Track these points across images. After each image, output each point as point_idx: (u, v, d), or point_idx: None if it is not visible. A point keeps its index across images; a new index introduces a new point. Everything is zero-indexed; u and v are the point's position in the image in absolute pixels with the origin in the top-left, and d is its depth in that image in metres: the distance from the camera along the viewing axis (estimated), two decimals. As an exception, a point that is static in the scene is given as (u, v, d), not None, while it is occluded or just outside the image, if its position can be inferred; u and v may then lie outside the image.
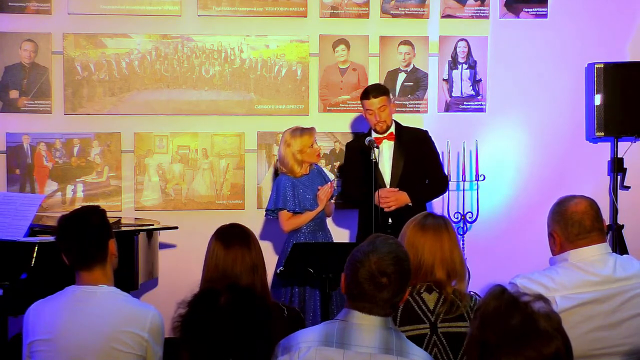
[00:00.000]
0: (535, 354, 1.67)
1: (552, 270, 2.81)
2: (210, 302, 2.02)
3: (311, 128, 4.91)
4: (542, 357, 1.67)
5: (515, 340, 1.68)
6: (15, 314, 4.15)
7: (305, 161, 4.84)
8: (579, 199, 2.86)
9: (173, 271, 5.37)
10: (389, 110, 4.84)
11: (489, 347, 1.70)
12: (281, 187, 4.83)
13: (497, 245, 5.77)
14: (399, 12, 5.72)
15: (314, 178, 4.92)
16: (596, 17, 5.88)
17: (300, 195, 4.82)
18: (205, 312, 2.01)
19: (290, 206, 4.80)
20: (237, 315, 1.99)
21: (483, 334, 1.72)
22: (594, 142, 5.94)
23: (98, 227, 2.86)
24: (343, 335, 2.31)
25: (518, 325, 1.69)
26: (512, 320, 1.70)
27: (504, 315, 1.71)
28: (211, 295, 2.04)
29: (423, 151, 4.92)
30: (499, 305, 1.73)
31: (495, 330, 1.70)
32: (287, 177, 4.85)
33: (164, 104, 5.55)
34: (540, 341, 1.68)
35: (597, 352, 2.72)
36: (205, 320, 2.00)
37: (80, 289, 2.81)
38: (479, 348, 1.72)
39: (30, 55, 5.41)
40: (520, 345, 1.67)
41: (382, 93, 4.83)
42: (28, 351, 2.81)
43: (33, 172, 5.44)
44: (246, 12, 5.58)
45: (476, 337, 1.73)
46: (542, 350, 1.67)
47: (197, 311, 2.02)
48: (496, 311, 1.72)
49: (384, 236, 2.43)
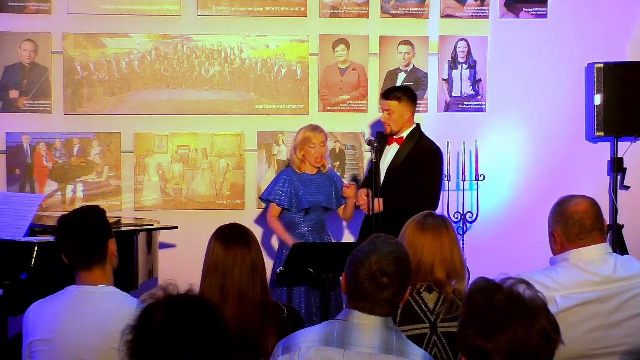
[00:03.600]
0: (524, 330, 1.70)
1: (553, 270, 2.81)
2: (146, 322, 1.74)
3: (321, 129, 4.92)
4: (531, 334, 1.70)
5: (503, 316, 1.72)
6: (15, 314, 4.15)
7: (305, 158, 4.85)
8: (580, 199, 2.86)
9: (173, 271, 5.34)
10: (395, 116, 4.88)
11: (478, 328, 1.73)
12: (279, 180, 4.89)
13: (497, 245, 5.77)
14: (399, 12, 5.72)
15: (322, 183, 4.90)
16: (596, 17, 5.88)
17: (296, 193, 4.81)
18: (143, 336, 1.74)
19: (280, 201, 4.81)
20: (172, 333, 1.70)
21: (471, 314, 1.76)
22: (594, 142, 5.94)
23: (97, 227, 2.86)
24: (343, 335, 2.31)
25: (503, 303, 1.73)
26: (496, 298, 1.74)
27: (489, 294, 1.76)
28: (147, 314, 1.75)
29: (422, 165, 4.87)
30: (484, 288, 1.78)
31: (482, 309, 1.74)
32: (290, 172, 4.89)
33: (164, 104, 5.55)
34: (527, 317, 1.71)
35: (597, 352, 2.72)
36: (145, 344, 1.73)
37: (80, 289, 2.81)
38: (468, 330, 1.75)
39: (30, 55, 5.40)
40: (508, 321, 1.71)
41: (387, 97, 4.93)
42: (28, 351, 2.81)
43: (33, 172, 5.43)
44: (246, 12, 5.58)
45: (465, 320, 1.77)
46: (530, 326, 1.70)
47: (137, 336, 1.75)
48: (481, 292, 1.78)
49: (384, 236, 2.43)
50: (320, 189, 4.88)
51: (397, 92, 4.97)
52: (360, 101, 5.70)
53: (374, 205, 4.50)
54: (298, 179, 4.85)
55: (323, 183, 4.90)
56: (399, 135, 4.94)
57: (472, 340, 1.73)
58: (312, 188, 4.86)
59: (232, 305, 2.79)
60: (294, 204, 4.82)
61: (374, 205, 4.50)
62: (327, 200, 4.91)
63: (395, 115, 4.89)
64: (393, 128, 4.92)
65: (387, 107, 4.92)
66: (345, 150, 5.72)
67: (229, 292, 2.83)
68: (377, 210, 4.52)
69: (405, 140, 4.93)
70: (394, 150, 4.95)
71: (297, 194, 4.82)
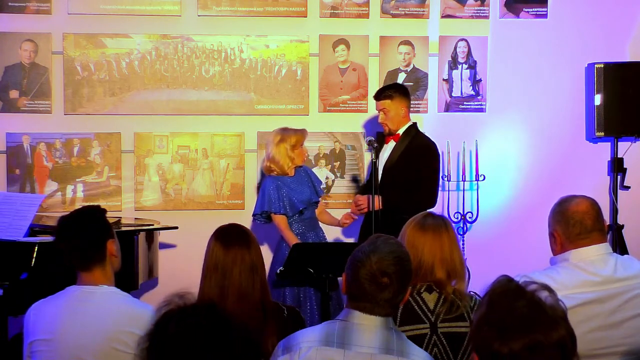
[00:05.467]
0: (542, 337, 1.67)
1: (553, 270, 2.81)
2: (161, 332, 1.71)
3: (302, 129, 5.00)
4: (549, 343, 1.67)
5: (522, 321, 1.69)
6: (15, 314, 4.15)
7: (294, 159, 4.86)
8: (581, 199, 2.86)
9: (173, 271, 5.37)
10: (391, 114, 4.90)
11: (496, 329, 1.71)
12: (266, 190, 4.87)
13: (497, 245, 5.77)
14: (399, 12, 5.72)
15: (301, 180, 4.95)
16: (596, 17, 5.88)
17: (285, 196, 4.83)
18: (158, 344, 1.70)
19: (276, 208, 4.81)
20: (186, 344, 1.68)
21: (490, 315, 1.73)
22: (594, 142, 5.94)
23: (96, 227, 2.86)
24: (344, 335, 2.31)
25: (524, 308, 1.71)
26: (518, 302, 1.72)
27: (511, 298, 1.73)
28: (162, 323, 1.72)
29: (418, 162, 4.88)
30: (506, 289, 1.76)
31: (502, 311, 1.72)
32: (272, 180, 4.88)
33: (164, 104, 5.55)
34: (547, 325, 1.69)
35: (598, 352, 2.72)
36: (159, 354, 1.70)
37: (80, 289, 2.81)
38: (485, 330, 1.73)
39: (30, 55, 5.40)
40: (527, 327, 1.68)
41: (379, 97, 4.95)
42: (28, 351, 2.81)
43: (33, 172, 5.43)
44: (246, 12, 5.58)
45: (483, 319, 1.75)
46: (548, 335, 1.68)
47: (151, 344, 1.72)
48: (503, 294, 1.75)
49: (385, 236, 2.43)
50: (301, 184, 4.93)
51: (387, 90, 4.98)
52: (360, 101, 5.71)
53: (374, 202, 4.50)
54: (283, 184, 4.86)
55: (301, 178, 4.96)
56: (396, 132, 4.95)
57: (488, 341, 1.71)
58: (297, 187, 4.89)
59: (231, 305, 2.79)
60: (289, 208, 4.83)
61: (373, 203, 4.50)
62: (312, 193, 4.96)
63: (391, 112, 4.90)
64: (391, 126, 4.93)
65: (381, 107, 4.94)
66: (345, 150, 5.72)
67: (229, 292, 2.83)
68: (377, 208, 4.52)
69: (401, 137, 4.94)
70: (390, 148, 4.96)
71: (289, 198, 4.83)
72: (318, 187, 5.06)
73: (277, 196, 4.82)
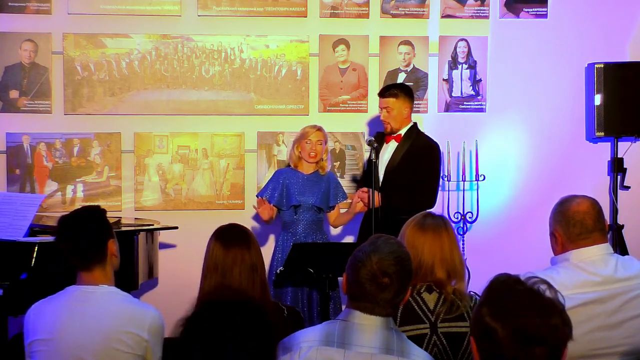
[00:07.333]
0: (540, 320, 1.72)
1: (553, 270, 2.81)
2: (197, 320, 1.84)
3: (320, 127, 4.90)
4: (547, 326, 1.72)
5: (518, 302, 1.75)
6: (15, 314, 4.15)
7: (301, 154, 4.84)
8: (581, 199, 2.86)
9: (173, 271, 5.37)
10: (394, 113, 4.90)
11: (491, 307, 1.76)
12: (272, 177, 4.95)
13: (497, 245, 5.77)
14: (399, 12, 5.72)
15: (316, 184, 4.87)
16: (596, 17, 5.89)
17: (287, 190, 4.81)
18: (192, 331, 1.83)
19: (267, 195, 4.81)
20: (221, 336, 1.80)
21: (487, 295, 1.79)
22: (594, 142, 5.94)
23: (96, 227, 2.86)
24: (344, 335, 2.31)
25: (522, 293, 1.77)
26: (518, 286, 1.79)
27: (511, 283, 1.80)
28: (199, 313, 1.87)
29: (421, 162, 4.88)
30: (506, 277, 1.83)
31: (500, 291, 1.78)
32: (284, 171, 4.93)
33: (164, 104, 5.55)
34: (543, 310, 1.73)
35: (598, 352, 2.72)
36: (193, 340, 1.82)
37: (80, 289, 2.81)
38: (481, 308, 1.78)
39: (30, 55, 5.40)
40: (522, 308, 1.73)
41: (384, 95, 4.95)
42: (28, 351, 2.81)
43: (33, 172, 5.43)
44: (246, 12, 5.58)
45: (480, 300, 1.81)
46: (542, 320, 1.72)
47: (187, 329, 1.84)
48: (504, 281, 1.82)
49: (385, 236, 2.43)
50: (313, 189, 4.84)
51: (393, 89, 4.98)
52: (360, 101, 5.71)
53: (374, 199, 4.49)
54: (291, 177, 4.84)
55: (317, 184, 4.86)
56: (397, 132, 4.94)
57: (481, 318, 1.75)
58: (304, 187, 4.83)
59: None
60: (284, 200, 4.81)
61: (373, 199, 4.49)
62: (318, 201, 4.84)
63: (394, 112, 4.90)
64: (393, 125, 4.93)
65: (385, 105, 4.93)
66: (345, 150, 5.72)
67: (229, 292, 2.83)
68: (377, 205, 4.51)
69: (403, 138, 4.94)
70: (391, 148, 4.95)
71: (287, 190, 4.81)
72: (333, 197, 4.89)
73: (274, 186, 4.83)
